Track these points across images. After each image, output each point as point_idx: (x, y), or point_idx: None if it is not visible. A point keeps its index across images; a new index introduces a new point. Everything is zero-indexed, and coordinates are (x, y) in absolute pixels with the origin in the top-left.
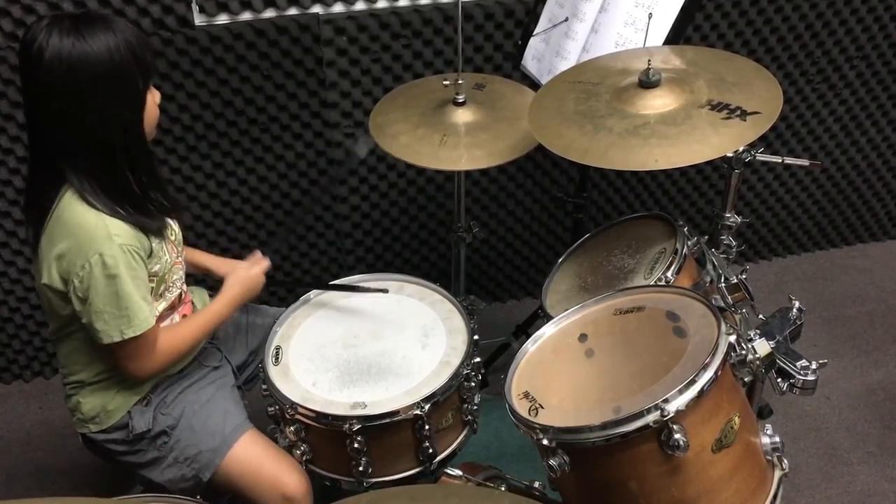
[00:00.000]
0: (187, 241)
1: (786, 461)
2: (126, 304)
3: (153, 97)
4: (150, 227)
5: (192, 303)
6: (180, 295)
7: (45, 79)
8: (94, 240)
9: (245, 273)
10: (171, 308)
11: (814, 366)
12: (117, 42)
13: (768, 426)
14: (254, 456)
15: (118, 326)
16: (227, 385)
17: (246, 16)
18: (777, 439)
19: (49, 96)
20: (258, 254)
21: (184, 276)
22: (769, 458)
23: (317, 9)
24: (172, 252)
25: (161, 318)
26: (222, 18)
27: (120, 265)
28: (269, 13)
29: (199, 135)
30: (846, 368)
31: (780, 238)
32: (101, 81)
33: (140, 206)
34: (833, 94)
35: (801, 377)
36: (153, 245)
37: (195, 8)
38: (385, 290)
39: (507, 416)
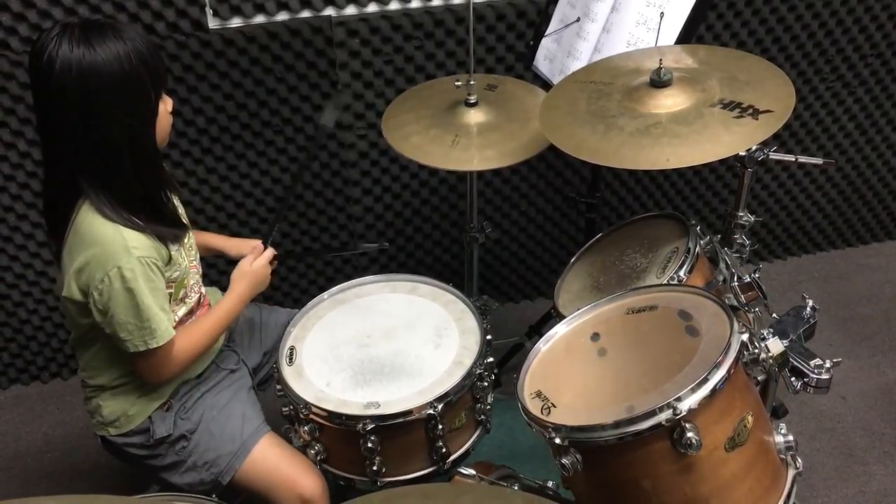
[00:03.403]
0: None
1: (800, 460)
2: (147, 316)
3: (165, 105)
4: (167, 234)
5: (209, 305)
6: (199, 299)
7: (55, 89)
8: (112, 253)
9: (247, 267)
10: (191, 313)
11: (827, 364)
12: (127, 50)
13: (782, 425)
14: (271, 459)
15: (142, 337)
16: (244, 387)
17: (259, 19)
18: (791, 438)
19: (60, 106)
20: (259, 245)
21: (200, 279)
22: (783, 456)
23: (329, 11)
24: (189, 256)
25: (181, 322)
26: (235, 22)
27: (138, 278)
28: (282, 16)
29: (213, 137)
30: (862, 368)
31: (795, 237)
32: (111, 90)
33: (154, 214)
34: (847, 91)
35: (814, 376)
36: (171, 252)
37: (209, 12)
38: (385, 246)
39: (519, 416)
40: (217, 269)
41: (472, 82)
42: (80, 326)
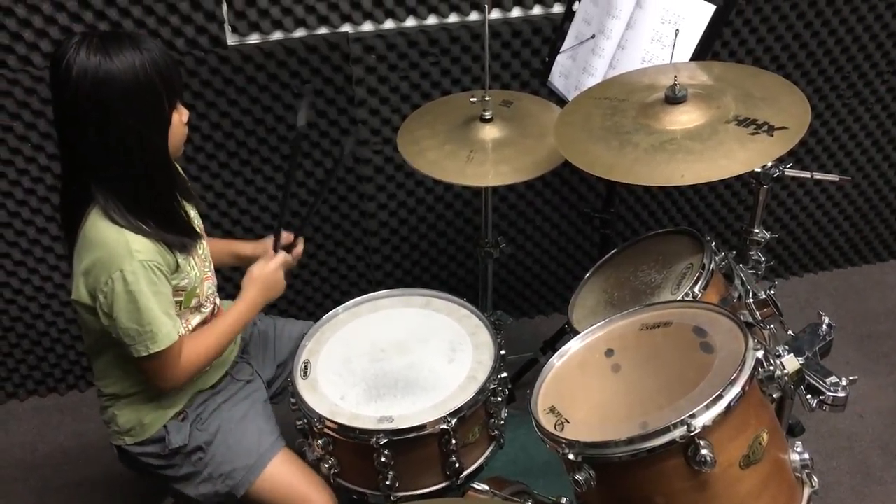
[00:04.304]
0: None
1: (815, 478)
2: (148, 320)
3: (180, 116)
4: (174, 242)
5: None
6: (213, 310)
7: (71, 95)
8: (115, 256)
9: (259, 272)
10: (205, 323)
11: (844, 382)
12: (143, 60)
13: (798, 443)
14: (286, 475)
15: (143, 341)
16: (260, 400)
17: (277, 35)
18: (806, 456)
19: (74, 112)
20: (270, 249)
21: (216, 291)
22: (798, 474)
23: (346, 28)
24: (202, 266)
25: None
26: (254, 38)
27: (141, 281)
28: (300, 32)
29: (230, 152)
30: (880, 386)
31: (811, 253)
32: (124, 99)
33: (163, 222)
34: (864, 107)
35: (830, 393)
36: (179, 260)
37: (228, 28)
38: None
39: (533, 432)
40: (233, 283)
41: (487, 98)
42: (93, 333)
